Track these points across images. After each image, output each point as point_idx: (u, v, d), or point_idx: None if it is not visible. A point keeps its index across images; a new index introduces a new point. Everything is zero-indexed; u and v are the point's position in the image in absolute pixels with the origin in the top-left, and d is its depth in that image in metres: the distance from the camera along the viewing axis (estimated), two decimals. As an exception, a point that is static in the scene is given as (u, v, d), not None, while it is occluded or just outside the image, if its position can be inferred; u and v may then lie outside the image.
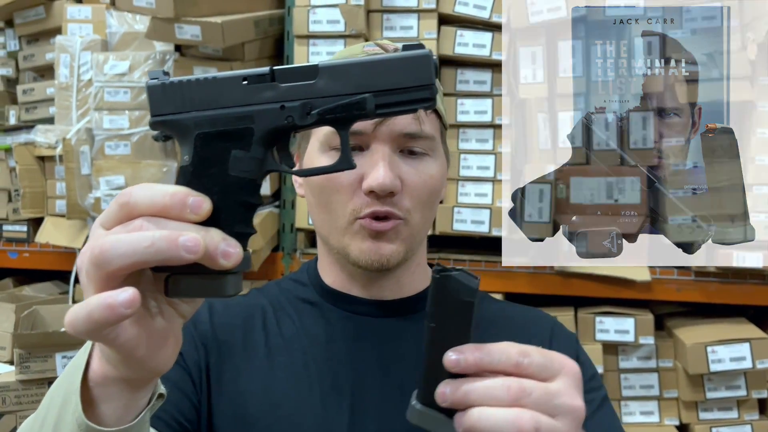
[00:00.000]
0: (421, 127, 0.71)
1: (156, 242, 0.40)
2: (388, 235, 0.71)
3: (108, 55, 2.06)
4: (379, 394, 0.72)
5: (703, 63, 1.82)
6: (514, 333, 0.79)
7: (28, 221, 2.27)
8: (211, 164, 0.45)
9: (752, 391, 1.82)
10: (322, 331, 0.75)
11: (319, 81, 0.46)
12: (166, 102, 0.46)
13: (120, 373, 0.46)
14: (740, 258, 1.78)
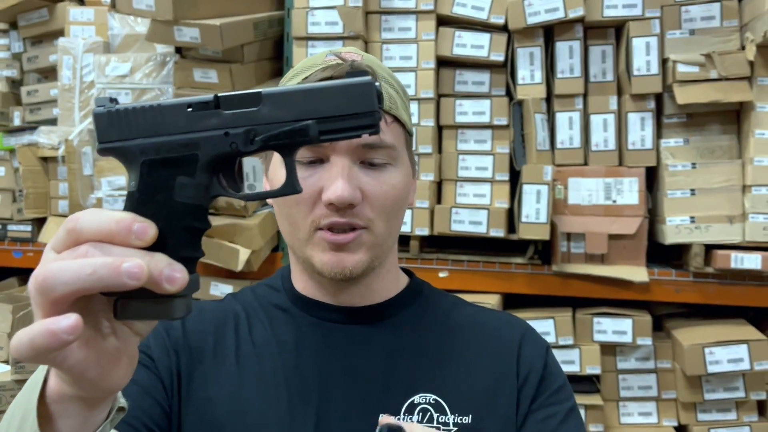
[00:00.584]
0: (381, 138, 0.71)
1: (98, 270, 0.41)
2: (349, 246, 0.71)
3: (110, 56, 2.08)
4: (345, 401, 0.72)
5: (701, 63, 1.82)
6: (485, 338, 0.79)
7: (32, 221, 2.30)
8: (156, 190, 0.46)
9: (751, 392, 1.82)
10: (292, 338, 0.76)
11: (262, 108, 0.47)
12: (113, 129, 0.47)
13: (75, 391, 0.47)
14: (738, 260, 1.78)
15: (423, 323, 0.79)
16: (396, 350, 0.76)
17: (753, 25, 1.79)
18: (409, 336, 0.77)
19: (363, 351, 0.75)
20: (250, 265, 1.98)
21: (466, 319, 0.81)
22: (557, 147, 1.93)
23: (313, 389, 0.73)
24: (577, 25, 1.91)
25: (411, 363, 0.75)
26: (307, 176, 0.71)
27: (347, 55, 0.74)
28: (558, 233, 1.88)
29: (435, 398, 0.73)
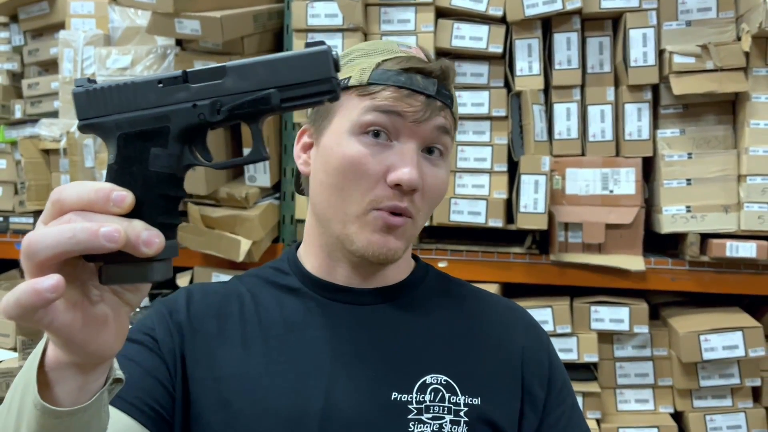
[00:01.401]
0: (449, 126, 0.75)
1: (77, 233, 0.43)
2: (397, 231, 0.73)
3: (111, 49, 2.10)
4: (354, 380, 0.73)
5: (697, 54, 1.84)
6: (491, 324, 0.81)
7: (33, 213, 2.31)
8: (132, 162, 0.49)
9: (746, 379, 1.85)
10: (300, 318, 0.77)
11: (226, 80, 0.49)
12: (90, 107, 0.50)
13: (68, 357, 0.49)
14: (734, 248, 1.80)
15: (430, 305, 0.81)
16: (405, 331, 0.77)
17: (748, 16, 1.81)
18: (417, 317, 0.79)
19: (372, 331, 0.77)
20: (251, 256, 2.00)
21: (472, 302, 0.83)
22: (555, 138, 1.95)
23: (321, 368, 0.74)
24: (574, 16, 1.93)
25: (420, 344, 0.77)
26: (377, 152, 0.72)
27: (417, 50, 0.78)
28: (556, 223, 1.91)
29: (446, 379, 0.74)
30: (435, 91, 0.73)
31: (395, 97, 0.72)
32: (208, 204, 2.07)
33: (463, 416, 0.72)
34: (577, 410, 0.81)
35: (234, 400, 0.72)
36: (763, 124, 1.81)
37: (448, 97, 0.75)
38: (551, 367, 0.80)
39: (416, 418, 0.71)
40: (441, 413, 0.72)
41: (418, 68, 0.73)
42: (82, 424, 0.51)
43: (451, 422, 0.72)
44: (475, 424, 0.72)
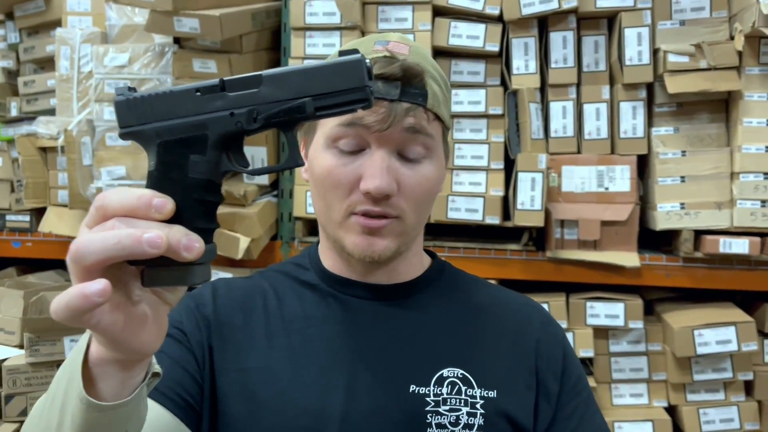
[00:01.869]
0: (422, 124, 0.75)
1: (122, 240, 0.45)
2: (381, 232, 0.75)
3: (108, 47, 2.09)
4: (372, 373, 0.75)
5: (691, 53, 1.86)
6: (507, 319, 0.83)
7: (30, 211, 2.31)
8: (172, 168, 0.51)
9: (738, 373, 1.88)
10: (320, 313, 0.79)
11: (263, 89, 0.51)
12: (131, 115, 0.51)
13: (111, 354, 0.51)
14: (727, 244, 1.83)
15: (447, 301, 0.83)
16: (421, 326, 0.79)
17: (741, 15, 1.84)
18: (434, 313, 0.81)
19: (389, 327, 0.79)
20: (249, 253, 2.01)
21: (487, 299, 0.85)
22: (551, 136, 1.97)
23: (341, 362, 0.76)
24: (570, 15, 1.95)
25: (437, 339, 0.79)
26: (348, 162, 0.74)
27: (394, 46, 0.77)
28: (552, 220, 1.93)
29: (462, 372, 0.76)
30: (398, 95, 0.73)
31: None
32: (207, 202, 2.08)
33: (480, 408, 0.74)
34: (592, 404, 0.82)
35: (258, 392, 0.74)
36: (755, 122, 1.84)
37: (417, 95, 0.75)
38: (565, 360, 0.82)
39: (434, 410, 0.74)
40: (458, 406, 0.74)
41: (380, 75, 0.73)
42: (123, 416, 0.53)
43: (467, 414, 0.74)
44: (491, 417, 0.74)
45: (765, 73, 1.85)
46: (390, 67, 0.74)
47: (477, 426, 0.74)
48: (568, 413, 0.80)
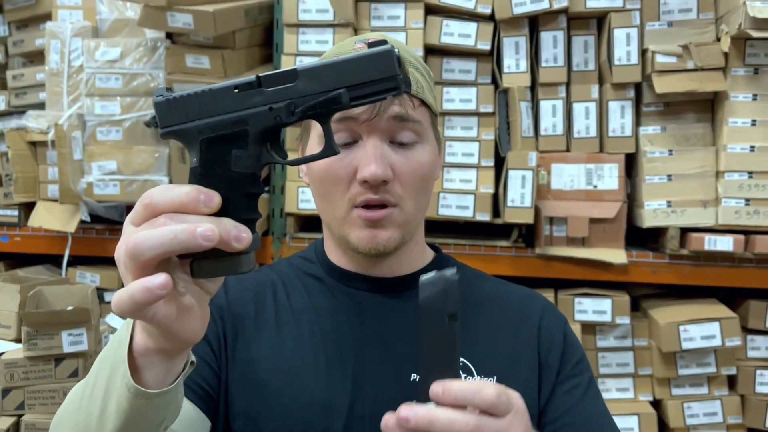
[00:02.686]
0: (408, 111, 0.77)
1: (178, 234, 0.48)
2: (382, 223, 0.77)
3: (99, 41, 2.09)
4: (378, 363, 0.78)
5: (678, 54, 1.90)
6: (509, 309, 0.85)
7: (19, 206, 2.30)
8: (216, 164, 0.52)
9: (722, 367, 1.92)
10: (327, 305, 0.81)
11: (299, 83, 0.53)
12: (172, 115, 0.53)
13: (159, 344, 0.54)
14: (712, 242, 1.87)
15: None
16: None
17: (728, 17, 1.87)
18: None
19: (394, 318, 0.81)
20: (241, 249, 2.01)
21: (490, 291, 0.87)
22: (541, 134, 2.00)
23: (348, 352, 0.78)
24: (561, 15, 1.98)
25: None
26: (342, 156, 0.76)
27: (374, 42, 0.79)
28: (541, 217, 1.95)
29: (462, 360, 0.78)
30: None
31: None
32: (199, 197, 2.08)
33: None
34: (593, 388, 0.84)
35: (269, 381, 0.76)
36: (740, 122, 1.88)
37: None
38: (566, 341, 0.84)
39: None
40: None
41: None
42: (166, 403, 0.56)
43: None
44: None
45: (750, 74, 1.89)
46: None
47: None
48: (566, 389, 0.82)
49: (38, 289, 1.37)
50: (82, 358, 1.36)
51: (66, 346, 1.30)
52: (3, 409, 1.35)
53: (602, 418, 0.83)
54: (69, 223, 2.15)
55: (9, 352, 1.35)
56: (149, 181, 2.05)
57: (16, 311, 1.39)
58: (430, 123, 0.82)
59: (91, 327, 1.34)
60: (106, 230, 2.23)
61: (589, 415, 0.81)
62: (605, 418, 0.83)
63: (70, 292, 1.43)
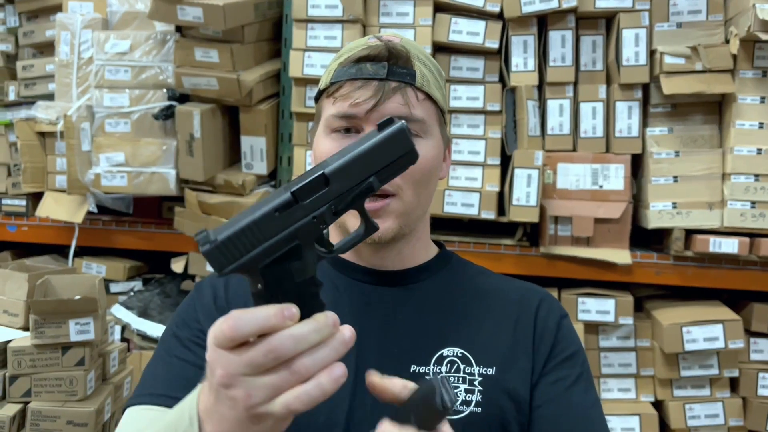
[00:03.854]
0: (411, 111, 0.77)
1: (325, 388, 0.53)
2: (379, 213, 0.77)
3: (109, 33, 2.10)
4: (378, 354, 0.78)
5: (687, 55, 1.89)
6: (508, 302, 0.85)
7: (27, 195, 2.31)
8: (281, 281, 0.56)
9: (724, 369, 1.92)
10: (330, 296, 0.81)
11: (332, 186, 0.56)
12: (224, 258, 0.54)
13: None
14: (717, 244, 1.87)
15: (450, 287, 0.85)
16: (425, 310, 0.82)
17: (737, 19, 1.87)
18: (437, 298, 0.83)
19: (395, 310, 0.82)
20: (247, 242, 2.02)
21: (491, 286, 0.87)
22: (547, 133, 2.00)
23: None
24: (569, 15, 1.98)
25: (439, 321, 0.81)
26: (342, 145, 0.77)
27: (387, 38, 0.81)
28: (546, 216, 1.96)
29: (462, 351, 0.79)
30: (386, 74, 0.77)
31: (349, 90, 0.77)
32: (206, 190, 2.09)
33: (477, 385, 0.77)
34: (582, 383, 0.82)
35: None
36: (747, 124, 1.88)
37: (405, 74, 0.78)
38: (559, 332, 0.83)
39: None
40: (456, 383, 0.77)
41: (365, 56, 0.78)
42: None
43: (465, 391, 0.77)
44: (489, 393, 0.77)
45: (758, 76, 1.89)
46: (376, 48, 0.78)
47: (475, 402, 0.77)
48: (551, 380, 0.80)
49: (46, 279, 1.38)
50: (89, 347, 1.37)
51: (73, 335, 1.32)
52: (10, 396, 1.36)
53: (583, 411, 0.81)
54: (76, 214, 2.16)
55: (17, 340, 1.36)
56: (156, 173, 2.07)
57: (24, 300, 1.40)
58: (435, 119, 0.82)
59: (97, 316, 1.35)
60: (113, 221, 2.24)
61: (571, 407, 0.80)
62: (587, 411, 0.81)
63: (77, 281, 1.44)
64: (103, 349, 1.49)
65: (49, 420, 1.31)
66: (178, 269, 2.17)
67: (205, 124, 2.02)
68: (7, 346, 1.35)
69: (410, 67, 0.78)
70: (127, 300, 2.15)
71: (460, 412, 0.76)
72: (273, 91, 2.13)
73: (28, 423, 1.33)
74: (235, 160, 2.17)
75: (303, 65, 2.00)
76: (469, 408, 0.76)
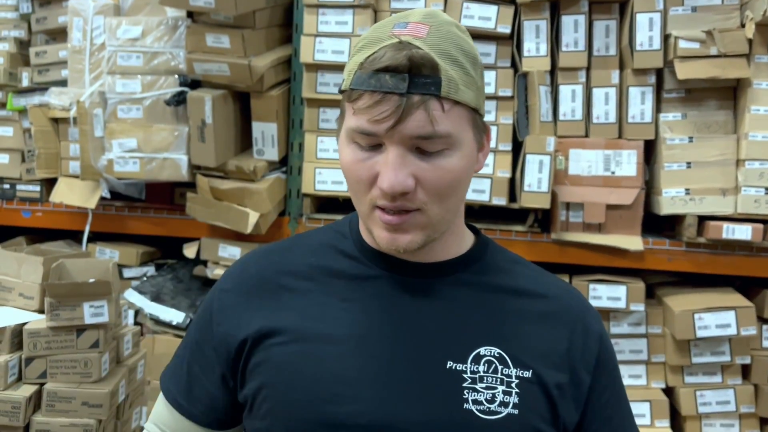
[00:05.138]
0: (435, 128, 0.71)
1: None
2: (403, 227, 0.74)
3: (121, 19, 2.10)
4: (409, 347, 0.76)
5: (702, 40, 1.87)
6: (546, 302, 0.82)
7: (41, 181, 2.33)
8: None
9: (736, 356, 1.91)
10: (358, 287, 0.80)
11: None
12: None
13: None
14: (730, 230, 1.86)
15: (486, 281, 0.82)
16: (459, 305, 0.80)
17: (753, 3, 1.84)
18: (473, 292, 0.81)
19: (427, 303, 0.79)
20: (258, 228, 2.04)
21: (527, 282, 0.84)
22: (559, 119, 1.99)
23: (378, 333, 0.77)
24: (582, -1, 1.96)
25: (474, 317, 0.79)
26: (366, 158, 0.74)
27: (413, 28, 0.74)
28: (558, 202, 1.95)
29: (499, 351, 0.77)
30: (407, 87, 0.71)
31: (368, 104, 0.72)
32: (217, 176, 2.10)
33: (515, 388, 0.76)
34: (624, 395, 0.85)
35: (296, 360, 0.77)
36: (763, 110, 1.86)
37: (429, 85, 0.71)
38: (600, 354, 0.82)
39: (471, 387, 0.75)
40: (494, 384, 0.76)
41: (384, 67, 0.71)
42: None
43: (503, 392, 0.75)
44: (525, 395, 0.76)
45: (774, 61, 1.86)
46: (396, 58, 0.71)
47: (512, 404, 0.75)
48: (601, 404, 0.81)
49: (61, 262, 1.40)
50: (103, 330, 1.38)
51: (87, 318, 1.33)
52: (26, 378, 1.38)
53: (628, 419, 0.85)
54: (89, 200, 2.18)
55: (32, 322, 1.38)
56: (168, 159, 2.08)
57: (39, 283, 1.42)
58: (466, 122, 0.75)
59: (111, 300, 1.37)
60: (126, 207, 2.26)
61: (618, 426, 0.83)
62: (629, 419, 0.85)
63: (91, 265, 1.46)
64: (116, 332, 1.51)
65: (65, 401, 1.33)
66: (190, 254, 2.19)
67: (216, 110, 2.03)
68: (22, 328, 1.37)
69: (436, 75, 0.71)
70: (140, 285, 2.17)
71: (498, 413, 0.75)
72: (284, 76, 2.13)
73: (44, 404, 1.35)
74: (247, 146, 2.18)
75: (314, 51, 2.00)
76: (506, 410, 0.75)
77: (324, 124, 2.07)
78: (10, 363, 1.33)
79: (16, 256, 1.49)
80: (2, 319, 1.38)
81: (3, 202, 2.35)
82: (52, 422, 1.33)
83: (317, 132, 2.06)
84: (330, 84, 2.03)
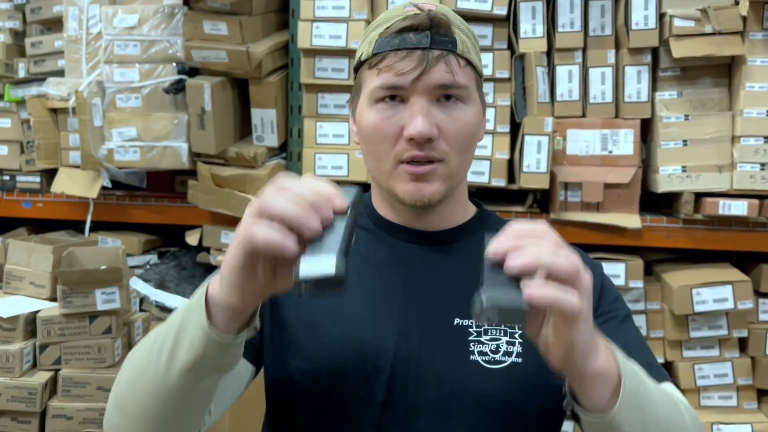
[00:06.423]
0: (455, 78, 0.80)
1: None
2: (427, 177, 0.81)
3: (117, 8, 2.10)
4: (421, 310, 0.82)
5: (697, 18, 1.89)
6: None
7: (41, 172, 2.34)
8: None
9: (733, 330, 1.95)
10: (374, 255, 0.87)
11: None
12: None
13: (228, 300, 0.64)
14: (726, 206, 1.89)
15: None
16: (465, 268, 0.84)
17: (747, -19, 1.86)
18: (477, 257, 0.86)
19: (436, 269, 0.86)
20: (260, 214, 2.05)
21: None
22: (557, 99, 2.01)
23: (393, 300, 0.83)
24: (578, -20, 1.97)
25: (478, 279, 0.84)
26: (390, 115, 0.81)
27: (424, 5, 0.83)
28: (556, 183, 1.97)
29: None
30: (429, 43, 0.79)
31: (394, 61, 0.79)
32: (218, 163, 2.11)
33: (518, 338, 0.82)
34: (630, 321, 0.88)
35: (321, 323, 0.82)
36: (757, 87, 1.88)
37: (447, 42, 0.80)
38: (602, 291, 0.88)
39: (476, 340, 0.81)
40: (498, 335, 0.82)
41: (408, 26, 0.80)
42: (232, 353, 0.67)
43: (506, 343, 0.81)
44: (528, 344, 0.80)
45: (768, 38, 1.88)
46: (418, 17, 0.80)
47: (516, 353, 0.81)
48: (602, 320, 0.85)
49: (70, 250, 1.42)
50: (115, 316, 1.41)
51: (100, 304, 1.35)
52: (40, 364, 1.40)
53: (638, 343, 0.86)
54: (90, 189, 2.19)
55: (45, 310, 1.40)
56: (169, 147, 2.08)
57: (49, 271, 1.44)
58: (475, 84, 0.85)
59: (122, 286, 1.39)
60: (127, 196, 2.27)
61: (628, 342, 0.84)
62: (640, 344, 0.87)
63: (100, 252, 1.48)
64: (127, 318, 1.53)
65: (80, 386, 1.36)
66: (192, 242, 2.20)
67: (215, 97, 2.03)
68: (36, 315, 1.39)
69: (451, 35, 0.81)
70: (144, 273, 2.18)
71: (502, 362, 0.80)
72: (282, 62, 2.14)
73: (60, 389, 1.38)
74: (246, 132, 2.19)
75: (311, 36, 2.00)
76: (510, 359, 0.81)
77: (323, 110, 2.08)
78: (25, 350, 1.36)
79: (26, 245, 1.50)
80: (15, 307, 1.40)
81: (3, 193, 2.35)
82: (68, 407, 1.36)
83: (316, 117, 2.07)
84: (328, 69, 2.04)
